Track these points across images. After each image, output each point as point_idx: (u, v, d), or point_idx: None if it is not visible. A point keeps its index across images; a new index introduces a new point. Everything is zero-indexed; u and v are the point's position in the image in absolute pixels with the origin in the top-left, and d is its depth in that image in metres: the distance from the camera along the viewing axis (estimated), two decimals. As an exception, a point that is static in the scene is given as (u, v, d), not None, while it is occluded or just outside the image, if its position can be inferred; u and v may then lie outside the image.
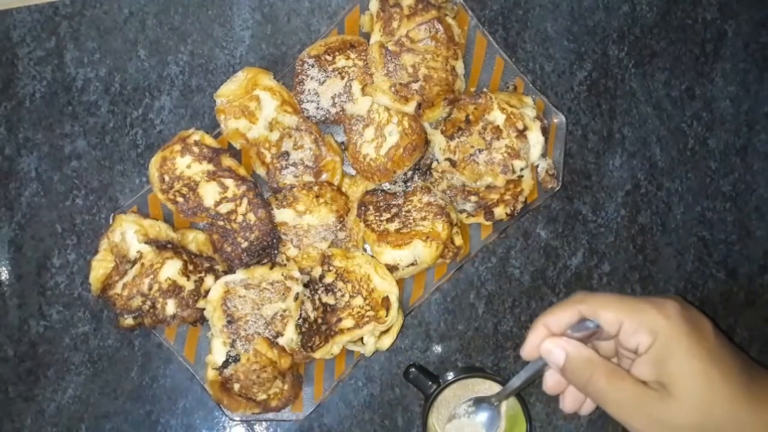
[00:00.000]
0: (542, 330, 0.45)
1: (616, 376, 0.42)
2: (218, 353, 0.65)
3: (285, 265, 0.67)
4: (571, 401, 0.48)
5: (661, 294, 0.73)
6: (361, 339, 0.65)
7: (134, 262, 0.64)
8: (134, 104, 0.71)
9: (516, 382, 0.51)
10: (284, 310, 0.65)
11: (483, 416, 0.58)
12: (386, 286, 0.64)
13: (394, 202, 0.68)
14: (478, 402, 0.56)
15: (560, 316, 0.45)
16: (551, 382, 0.47)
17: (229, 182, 0.66)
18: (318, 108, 0.69)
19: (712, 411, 0.39)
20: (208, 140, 0.66)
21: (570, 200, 0.73)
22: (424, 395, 0.67)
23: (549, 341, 0.44)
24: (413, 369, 0.67)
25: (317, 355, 0.64)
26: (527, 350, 0.46)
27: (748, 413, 0.39)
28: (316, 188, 0.67)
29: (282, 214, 0.67)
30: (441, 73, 0.66)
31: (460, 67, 0.68)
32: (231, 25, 0.71)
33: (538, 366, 0.48)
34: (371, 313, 0.64)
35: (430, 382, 0.66)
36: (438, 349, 0.72)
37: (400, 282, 0.67)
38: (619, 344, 0.44)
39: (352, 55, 0.68)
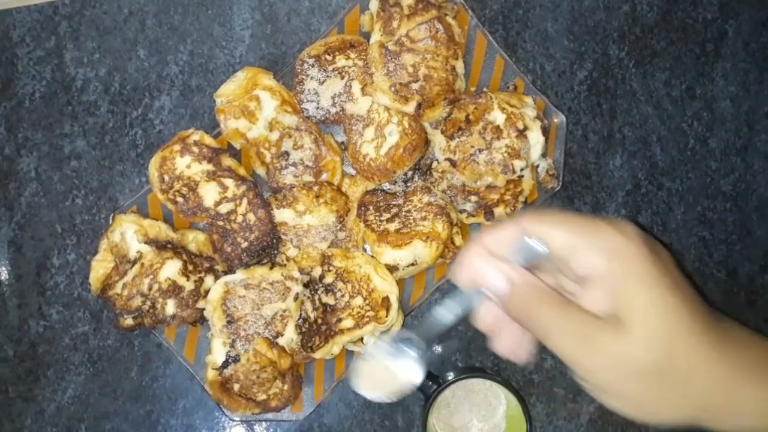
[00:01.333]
0: (481, 251, 0.38)
1: (566, 307, 0.36)
2: (218, 353, 0.65)
3: (285, 265, 0.67)
4: (507, 342, 0.40)
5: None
6: (361, 339, 0.65)
7: (134, 262, 0.64)
8: (134, 104, 0.71)
9: (448, 316, 0.42)
10: (284, 311, 0.65)
11: (404, 356, 0.45)
12: (386, 287, 0.64)
13: (394, 202, 0.68)
14: (398, 341, 0.45)
15: (503, 235, 0.38)
16: (488, 316, 0.40)
17: (229, 182, 0.66)
18: (318, 108, 0.68)
19: (674, 347, 0.33)
20: (208, 140, 0.66)
21: (570, 200, 0.73)
22: (424, 395, 0.67)
23: (490, 267, 0.37)
24: None
25: (317, 355, 0.64)
26: (463, 277, 0.38)
27: (712, 352, 0.34)
28: (316, 188, 0.67)
29: (282, 214, 0.67)
30: (441, 72, 0.66)
31: (460, 66, 0.67)
32: (231, 24, 0.71)
33: (473, 297, 0.40)
34: (371, 313, 0.64)
35: (430, 383, 0.66)
36: (438, 349, 0.72)
37: (400, 282, 0.67)
38: (568, 271, 0.38)
39: (352, 55, 0.68)
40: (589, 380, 0.36)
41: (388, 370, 0.44)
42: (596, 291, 0.36)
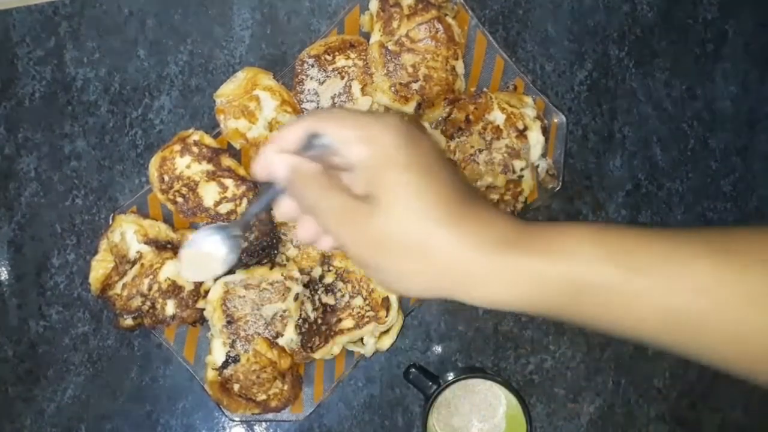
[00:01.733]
0: (273, 147, 0.42)
1: (333, 187, 0.40)
2: (218, 353, 0.65)
3: (285, 265, 0.67)
4: (305, 230, 0.44)
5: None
6: (361, 339, 0.65)
7: (134, 263, 0.64)
8: (134, 104, 0.71)
9: (254, 208, 0.47)
10: (284, 311, 0.65)
11: (221, 243, 0.50)
12: (386, 287, 0.64)
13: (394, 202, 0.68)
14: (217, 230, 0.50)
15: (290, 132, 0.42)
16: (283, 206, 0.44)
17: (229, 182, 0.66)
18: (318, 108, 0.68)
19: (409, 220, 0.37)
20: (208, 140, 0.66)
21: (570, 200, 0.73)
22: (424, 396, 0.67)
23: (276, 156, 0.42)
24: (413, 369, 0.67)
25: (317, 355, 0.64)
26: (257, 168, 0.43)
27: (453, 233, 0.37)
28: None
29: (282, 215, 0.67)
30: (441, 72, 0.66)
31: (460, 66, 0.67)
32: (231, 25, 0.71)
33: (275, 189, 0.44)
34: (371, 313, 0.64)
35: (430, 383, 0.66)
36: (438, 349, 0.72)
37: (400, 282, 0.67)
38: (344, 161, 0.42)
39: (352, 55, 0.68)
40: (351, 255, 0.40)
41: (208, 255, 0.49)
42: (360, 177, 0.39)
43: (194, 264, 0.51)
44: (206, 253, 0.50)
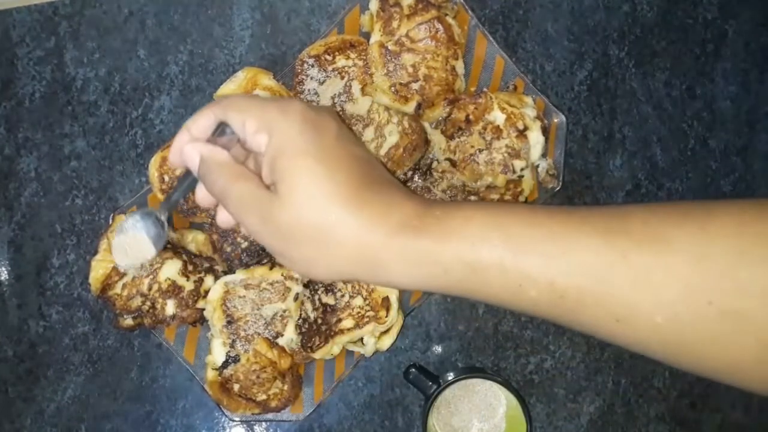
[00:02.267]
0: (185, 135, 0.43)
1: (240, 177, 0.40)
2: (218, 353, 0.65)
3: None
4: (222, 215, 0.45)
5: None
6: (361, 339, 0.65)
7: (134, 263, 0.64)
8: (134, 104, 0.71)
9: (175, 194, 0.48)
10: (284, 311, 0.65)
11: (150, 229, 0.52)
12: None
13: (394, 202, 0.68)
14: (145, 215, 0.52)
15: (199, 120, 0.42)
16: (200, 192, 0.45)
17: (229, 182, 0.66)
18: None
19: (308, 206, 0.37)
20: (208, 140, 0.66)
21: (570, 200, 0.73)
22: (424, 395, 0.67)
23: (188, 145, 0.42)
24: (413, 369, 0.67)
25: (317, 355, 0.64)
26: (172, 156, 0.44)
27: (354, 219, 0.37)
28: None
29: (282, 214, 0.67)
30: (441, 72, 0.66)
31: (460, 66, 0.67)
32: (231, 24, 0.71)
33: (192, 177, 0.45)
34: (371, 313, 0.64)
35: (430, 383, 0.66)
36: (438, 349, 0.72)
37: (400, 282, 0.67)
38: (250, 149, 0.43)
39: (352, 55, 0.68)
40: (261, 242, 0.40)
41: (139, 240, 0.50)
42: (264, 165, 0.40)
43: (126, 250, 0.52)
44: (137, 238, 0.50)
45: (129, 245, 0.51)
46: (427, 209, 0.39)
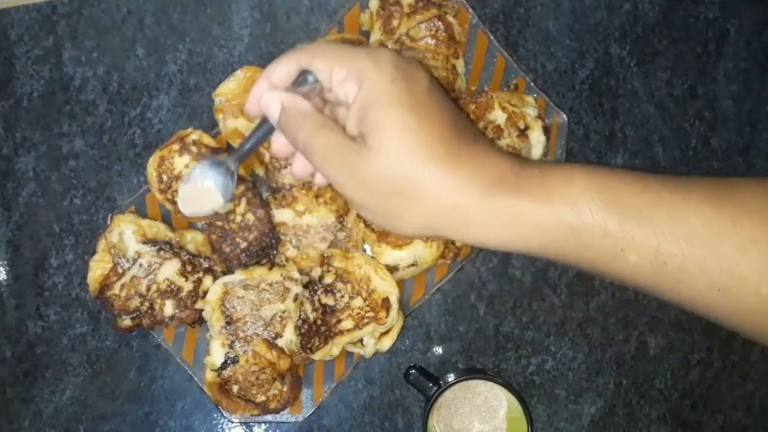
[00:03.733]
0: (264, 83, 0.42)
1: (324, 127, 0.39)
2: (217, 354, 0.64)
3: (284, 265, 0.66)
4: (299, 164, 0.44)
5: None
6: (361, 340, 0.65)
7: (132, 263, 0.64)
8: (132, 103, 0.71)
9: (247, 144, 0.47)
10: (283, 311, 0.65)
11: (218, 180, 0.51)
12: (386, 287, 0.64)
13: (394, 202, 0.67)
14: (214, 164, 0.51)
15: (280, 67, 0.41)
16: (277, 142, 0.44)
17: (228, 182, 0.65)
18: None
19: (402, 160, 0.36)
20: (207, 139, 0.66)
21: (571, 200, 0.73)
22: (424, 397, 0.67)
23: (267, 93, 0.41)
24: (413, 371, 0.67)
25: (317, 356, 0.64)
26: (249, 105, 0.43)
27: (445, 172, 0.36)
28: (315, 188, 0.66)
29: (281, 214, 0.66)
30: (441, 71, 0.66)
31: (460, 65, 0.67)
32: (230, 23, 0.71)
33: (267, 126, 0.44)
34: (371, 314, 0.63)
35: (430, 384, 0.65)
36: (438, 350, 0.72)
37: (400, 283, 0.67)
38: (335, 98, 0.41)
39: (352, 54, 0.68)
40: (345, 195, 0.39)
41: (206, 189, 0.49)
42: (351, 115, 0.38)
43: (192, 200, 0.50)
44: (204, 188, 0.49)
45: (196, 195, 0.50)
46: (524, 167, 0.38)
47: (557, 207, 0.36)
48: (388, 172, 0.36)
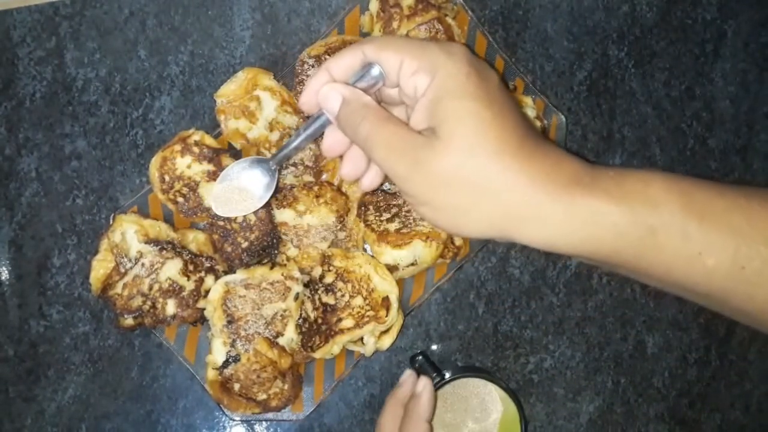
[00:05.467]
0: (324, 75, 0.40)
1: (389, 120, 0.38)
2: (218, 353, 0.65)
3: (285, 265, 0.67)
4: (350, 164, 0.43)
5: (661, 295, 0.73)
6: (361, 339, 0.65)
7: (134, 262, 0.64)
8: (134, 104, 0.71)
9: (297, 140, 0.45)
10: (284, 310, 0.66)
11: (258, 178, 0.48)
12: (386, 286, 0.64)
13: (394, 202, 0.68)
14: (255, 162, 0.48)
15: (344, 60, 0.40)
16: (330, 138, 0.43)
17: (230, 182, 0.66)
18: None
19: (476, 152, 0.34)
20: (209, 140, 0.66)
21: (570, 200, 0.73)
22: None
23: (327, 86, 0.40)
24: (420, 357, 0.67)
25: (317, 355, 0.64)
26: (305, 97, 0.41)
27: (518, 169, 0.35)
28: (316, 188, 0.67)
29: (282, 214, 0.67)
30: (441, 73, 0.66)
31: (460, 67, 0.67)
32: (231, 25, 0.71)
33: (320, 121, 0.43)
34: (371, 313, 0.64)
35: (434, 374, 0.66)
36: (438, 349, 0.72)
37: (400, 282, 0.67)
38: (402, 92, 0.40)
39: (352, 56, 0.68)
40: (406, 191, 0.38)
41: (243, 191, 0.46)
42: (420, 108, 0.37)
43: (227, 199, 0.47)
44: (241, 188, 0.46)
45: (231, 194, 0.47)
46: (597, 168, 0.37)
47: (637, 207, 0.35)
48: (461, 164, 0.35)
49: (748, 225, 0.34)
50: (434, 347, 0.72)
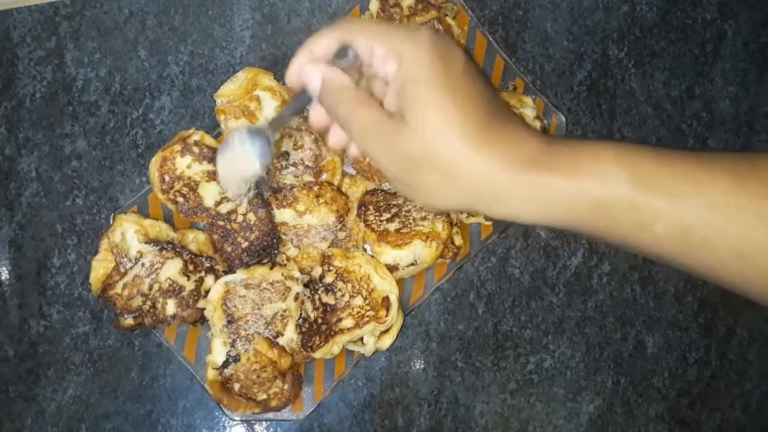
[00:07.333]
0: (306, 55, 0.43)
1: (363, 103, 0.40)
2: (218, 353, 0.65)
3: (285, 265, 0.67)
4: (336, 137, 0.46)
5: (660, 295, 0.73)
6: (361, 339, 0.65)
7: (134, 262, 0.64)
8: (134, 104, 0.71)
9: (286, 111, 0.48)
10: (284, 310, 0.66)
11: (256, 146, 0.51)
12: (386, 286, 0.64)
13: (394, 202, 0.68)
14: (253, 132, 0.50)
15: (321, 41, 0.42)
16: (315, 114, 0.45)
17: (230, 182, 0.66)
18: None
19: (437, 140, 0.38)
20: (209, 140, 0.66)
21: (570, 200, 0.73)
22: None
23: (309, 66, 0.42)
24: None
25: (317, 354, 0.64)
26: (290, 76, 0.44)
27: (479, 151, 0.38)
28: (316, 188, 0.67)
29: (282, 214, 0.67)
30: (441, 73, 0.66)
31: (460, 67, 0.67)
32: (231, 25, 0.71)
33: (305, 97, 0.45)
34: (371, 313, 0.64)
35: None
36: (438, 348, 0.72)
37: (400, 282, 0.67)
38: (376, 75, 0.43)
39: (352, 55, 0.68)
40: (383, 170, 0.40)
41: (243, 156, 0.49)
42: (391, 92, 0.40)
43: (231, 168, 0.50)
44: (244, 155, 0.49)
45: (234, 162, 0.50)
46: (552, 145, 0.39)
47: (586, 182, 0.37)
48: (427, 150, 0.38)
49: (694, 193, 0.37)
50: (434, 347, 0.72)
